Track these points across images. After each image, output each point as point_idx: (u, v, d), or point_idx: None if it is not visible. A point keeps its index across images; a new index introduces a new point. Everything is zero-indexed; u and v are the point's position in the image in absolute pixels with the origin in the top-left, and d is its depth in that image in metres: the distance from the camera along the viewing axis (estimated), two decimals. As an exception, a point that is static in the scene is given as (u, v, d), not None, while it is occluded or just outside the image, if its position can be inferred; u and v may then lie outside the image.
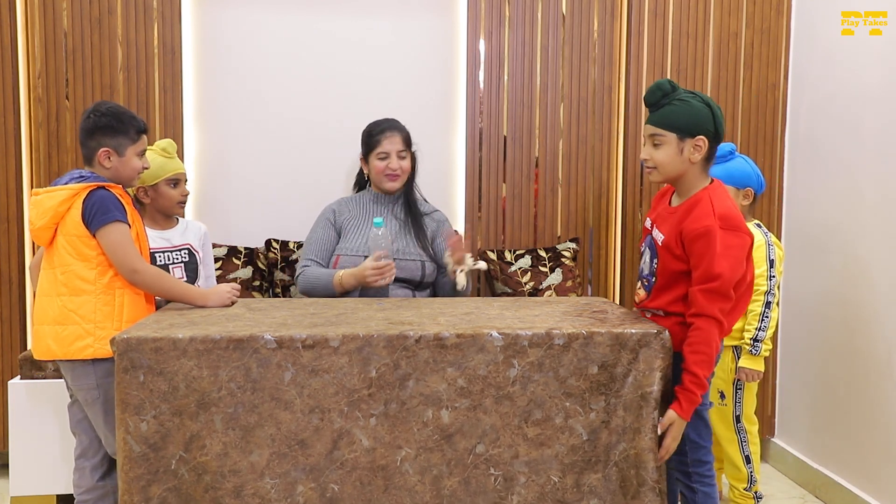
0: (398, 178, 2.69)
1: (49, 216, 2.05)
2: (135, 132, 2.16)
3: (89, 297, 2.06)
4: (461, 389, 1.83)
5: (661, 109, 1.93)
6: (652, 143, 1.95)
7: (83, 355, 2.05)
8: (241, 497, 1.79)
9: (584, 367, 1.86)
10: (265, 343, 1.80)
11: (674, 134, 1.91)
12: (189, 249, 2.59)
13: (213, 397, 1.79)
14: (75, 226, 2.06)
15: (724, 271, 1.84)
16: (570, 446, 1.86)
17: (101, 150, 2.12)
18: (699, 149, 1.91)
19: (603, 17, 3.16)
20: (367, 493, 1.82)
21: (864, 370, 2.70)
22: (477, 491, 1.84)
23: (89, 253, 2.07)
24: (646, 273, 2.05)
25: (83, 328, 2.05)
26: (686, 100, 1.92)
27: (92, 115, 2.14)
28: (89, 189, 2.06)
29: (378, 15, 3.14)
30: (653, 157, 1.95)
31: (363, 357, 1.82)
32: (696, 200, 1.93)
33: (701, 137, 1.91)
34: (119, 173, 2.15)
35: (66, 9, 2.93)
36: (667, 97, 1.93)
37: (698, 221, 1.88)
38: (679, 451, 1.96)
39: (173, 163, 2.56)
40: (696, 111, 1.90)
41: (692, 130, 1.90)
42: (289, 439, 1.80)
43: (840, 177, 2.86)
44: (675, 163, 1.93)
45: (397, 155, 2.68)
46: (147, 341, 1.77)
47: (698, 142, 1.91)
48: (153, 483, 1.77)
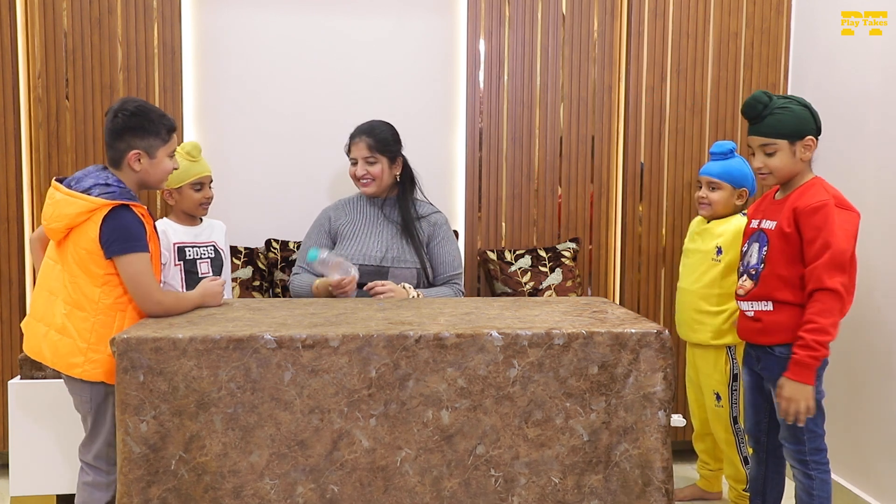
0: (369, 183, 2.66)
1: (64, 222, 1.95)
2: (166, 132, 2.05)
3: (88, 314, 1.97)
4: (461, 390, 1.83)
5: (766, 120, 2.13)
6: (764, 152, 2.14)
7: (72, 373, 1.98)
8: (241, 497, 1.79)
9: (585, 367, 1.86)
10: (265, 343, 1.80)
11: (784, 141, 2.11)
12: (214, 247, 2.63)
13: (212, 397, 1.78)
14: (88, 241, 1.95)
15: (840, 243, 2.02)
16: (570, 447, 1.86)
17: (131, 152, 2.01)
18: (809, 147, 2.12)
19: (603, 17, 3.16)
20: (367, 493, 1.82)
21: (865, 370, 2.69)
22: (477, 492, 1.84)
23: (97, 271, 1.97)
24: (753, 263, 2.19)
25: (77, 345, 1.97)
26: (786, 106, 2.12)
27: (120, 114, 2.00)
28: (111, 207, 1.95)
29: (378, 15, 3.14)
30: (767, 164, 2.14)
31: (363, 357, 1.82)
32: (808, 186, 2.13)
33: (809, 137, 2.12)
34: (149, 176, 2.05)
35: (66, 9, 2.93)
36: (767, 108, 2.13)
37: (814, 198, 2.06)
38: (796, 440, 2.15)
39: (198, 166, 2.57)
40: (799, 115, 2.11)
41: (801, 133, 2.11)
42: (288, 440, 1.80)
43: (840, 177, 2.85)
44: (790, 165, 2.13)
45: (364, 161, 2.65)
46: (147, 341, 1.77)
47: (808, 142, 2.12)
48: (153, 484, 1.77)
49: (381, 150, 2.66)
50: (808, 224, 2.04)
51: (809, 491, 2.16)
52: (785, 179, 2.17)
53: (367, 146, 2.65)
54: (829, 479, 2.16)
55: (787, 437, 2.19)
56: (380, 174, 2.66)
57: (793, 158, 2.12)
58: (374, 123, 2.71)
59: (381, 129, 2.69)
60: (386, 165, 2.67)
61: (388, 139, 2.68)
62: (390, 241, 2.64)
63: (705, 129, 3.19)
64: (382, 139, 2.66)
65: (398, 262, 2.60)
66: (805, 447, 2.16)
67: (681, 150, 3.19)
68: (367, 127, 2.70)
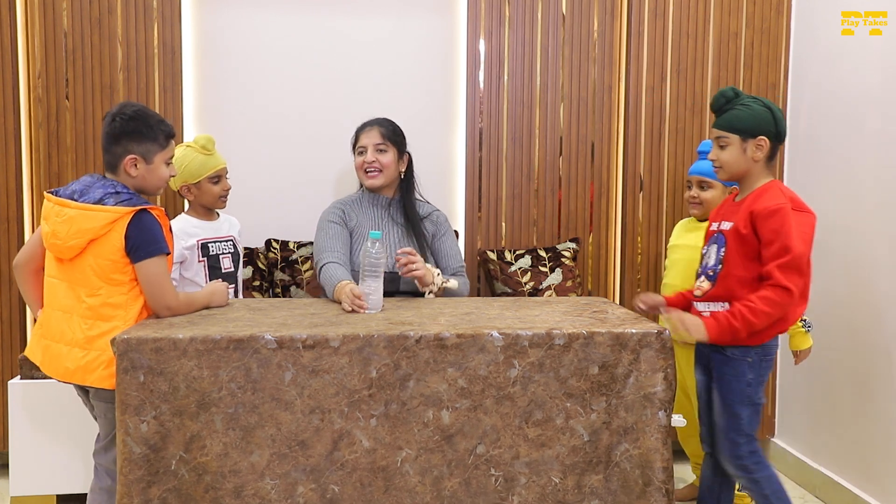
0: (376, 174, 2.62)
1: (87, 237, 1.91)
2: (164, 138, 2.03)
3: (119, 322, 1.94)
4: (462, 390, 1.83)
5: (725, 114, 2.13)
6: (717, 144, 2.15)
7: (105, 385, 1.93)
8: (242, 497, 1.79)
9: (585, 367, 1.86)
10: (265, 343, 1.80)
11: (737, 136, 2.11)
12: (233, 241, 2.66)
13: (213, 397, 1.78)
14: (113, 251, 1.93)
15: (798, 246, 2.02)
16: (570, 447, 1.86)
17: (127, 157, 1.98)
18: (761, 148, 2.10)
19: (603, 17, 3.16)
20: (368, 493, 1.82)
21: (865, 370, 2.70)
22: (477, 492, 1.84)
23: (122, 279, 1.95)
24: (711, 264, 2.18)
25: (108, 356, 1.90)
26: (748, 104, 2.11)
27: (118, 118, 1.99)
28: (133, 213, 1.93)
29: (378, 15, 3.13)
30: (719, 157, 2.15)
31: (363, 357, 1.82)
32: (764, 189, 2.11)
33: (762, 138, 2.10)
34: (146, 182, 2.03)
35: (66, 9, 2.93)
36: (730, 103, 2.12)
37: (771, 201, 2.05)
38: (732, 445, 2.11)
39: (213, 159, 2.57)
40: (757, 114, 2.10)
41: (754, 132, 2.10)
42: (289, 440, 1.80)
43: (840, 177, 2.86)
44: (740, 161, 2.12)
45: (374, 148, 2.62)
46: (147, 341, 1.77)
47: (760, 142, 2.10)
48: (153, 484, 1.77)
49: (392, 140, 2.65)
50: (765, 227, 2.03)
51: (762, 492, 2.12)
52: (735, 176, 2.16)
53: (379, 133, 2.64)
54: (773, 472, 2.13)
55: (724, 446, 2.14)
56: (389, 164, 2.63)
57: (742, 155, 2.11)
58: (377, 118, 2.72)
59: (392, 123, 2.70)
60: (395, 157, 2.65)
61: (398, 132, 2.69)
62: (396, 245, 2.61)
63: (705, 129, 3.19)
64: (393, 130, 2.67)
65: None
66: (742, 451, 2.11)
67: (681, 150, 3.19)
68: (378, 119, 2.71)
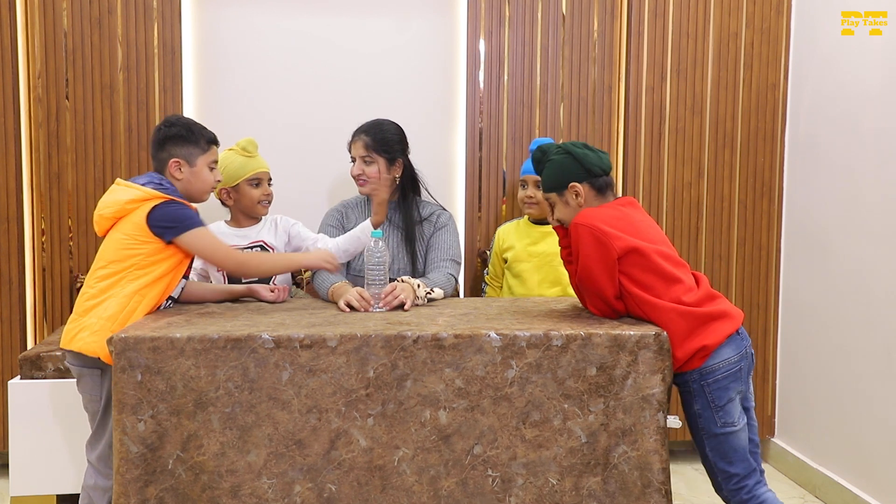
0: (365, 183, 2.57)
1: (114, 208, 2.04)
2: (205, 142, 2.16)
3: (111, 297, 2.01)
4: (459, 390, 1.83)
5: (541, 176, 2.12)
6: (549, 205, 2.14)
7: (86, 350, 1.98)
8: (239, 497, 1.80)
9: (583, 368, 1.86)
10: (263, 343, 1.80)
11: (554, 194, 2.10)
12: (262, 245, 2.57)
13: (210, 397, 1.79)
14: (132, 226, 2.03)
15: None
16: (568, 448, 1.86)
17: (171, 160, 2.12)
18: (579, 193, 2.06)
19: (603, 17, 3.16)
20: (365, 493, 1.82)
21: (864, 370, 2.69)
22: (474, 492, 1.84)
23: (128, 253, 2.03)
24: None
25: (96, 326, 1.99)
26: (550, 160, 2.09)
27: (162, 126, 2.15)
28: (161, 201, 2.04)
29: (378, 15, 3.14)
30: (555, 215, 2.14)
31: (361, 357, 1.82)
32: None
33: (573, 184, 2.06)
34: (191, 186, 2.14)
35: (66, 9, 2.94)
36: (540, 164, 2.12)
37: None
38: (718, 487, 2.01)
39: (254, 161, 2.55)
40: (558, 167, 2.07)
41: (562, 183, 2.07)
42: (286, 439, 1.80)
43: (840, 177, 2.85)
44: (571, 211, 2.08)
45: (360, 160, 2.58)
46: (145, 340, 1.77)
47: (573, 189, 2.07)
48: (150, 484, 1.77)
49: (378, 150, 2.56)
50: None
51: None
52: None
53: (363, 145, 2.57)
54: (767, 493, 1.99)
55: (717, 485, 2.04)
56: (375, 175, 2.54)
57: (568, 207, 2.09)
58: (379, 122, 2.63)
59: (383, 129, 2.60)
60: (383, 167, 2.56)
61: (387, 139, 2.58)
62: (395, 249, 2.60)
63: (705, 129, 3.19)
64: (381, 139, 2.57)
65: (403, 274, 2.56)
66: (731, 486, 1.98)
67: (681, 150, 3.18)
68: (369, 125, 2.61)
